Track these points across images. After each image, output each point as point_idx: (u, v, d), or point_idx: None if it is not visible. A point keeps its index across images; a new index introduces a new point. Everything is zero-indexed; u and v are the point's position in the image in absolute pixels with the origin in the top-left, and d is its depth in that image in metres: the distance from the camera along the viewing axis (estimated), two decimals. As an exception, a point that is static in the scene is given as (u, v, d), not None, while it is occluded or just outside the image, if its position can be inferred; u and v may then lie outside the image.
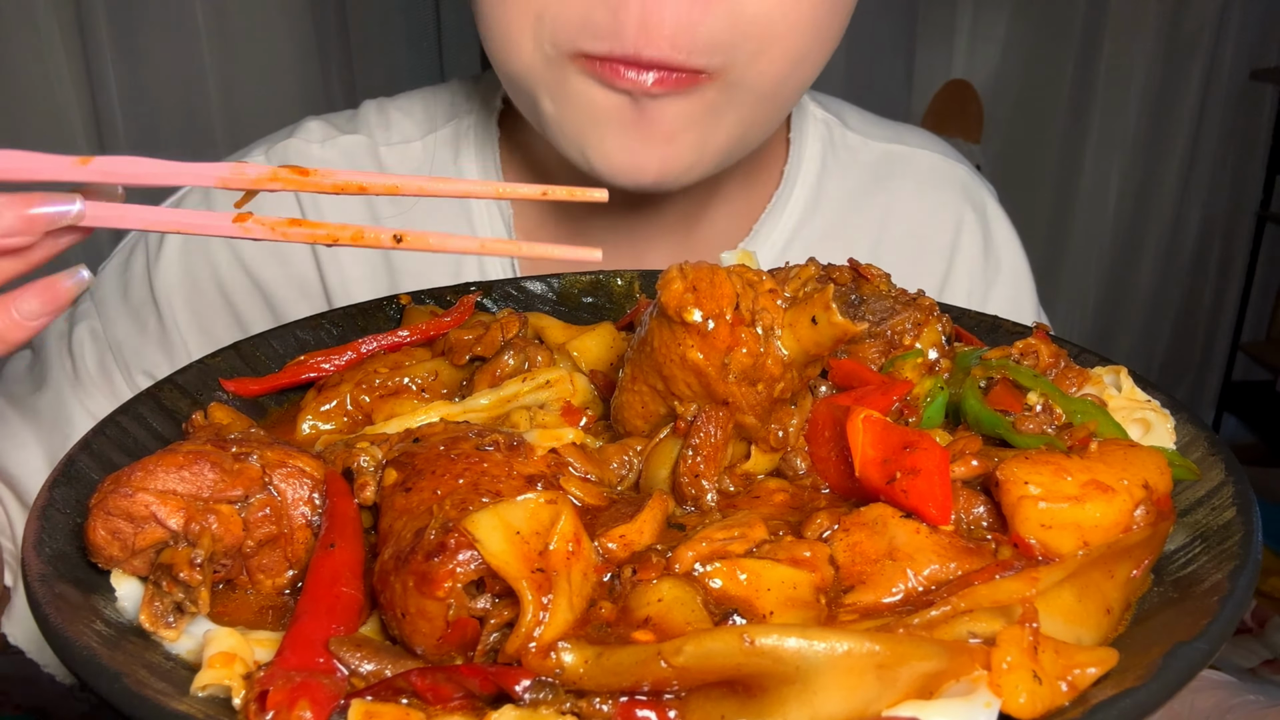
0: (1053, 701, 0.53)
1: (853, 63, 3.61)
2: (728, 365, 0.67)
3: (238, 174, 0.71)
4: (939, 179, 1.38)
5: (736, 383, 0.68)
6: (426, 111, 1.34)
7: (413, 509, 0.63)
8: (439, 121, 1.33)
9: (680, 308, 0.67)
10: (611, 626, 0.57)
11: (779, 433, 0.71)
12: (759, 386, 0.69)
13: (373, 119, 1.33)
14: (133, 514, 0.64)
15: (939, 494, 0.63)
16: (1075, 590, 0.59)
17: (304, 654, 0.57)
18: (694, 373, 0.68)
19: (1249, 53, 4.17)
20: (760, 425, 0.70)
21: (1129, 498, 0.63)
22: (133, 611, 0.63)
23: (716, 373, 0.68)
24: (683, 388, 0.70)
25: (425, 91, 1.38)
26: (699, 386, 0.69)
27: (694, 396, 0.70)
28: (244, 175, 0.71)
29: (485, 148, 1.31)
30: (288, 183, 0.71)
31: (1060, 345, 0.83)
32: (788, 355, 0.69)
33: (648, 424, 0.74)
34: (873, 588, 0.60)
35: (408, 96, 1.37)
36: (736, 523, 0.63)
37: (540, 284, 1.09)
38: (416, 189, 0.73)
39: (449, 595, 0.56)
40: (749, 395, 0.68)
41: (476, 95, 1.34)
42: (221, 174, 0.71)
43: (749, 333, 0.68)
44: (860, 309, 0.84)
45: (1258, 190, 4.38)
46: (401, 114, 1.34)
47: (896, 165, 1.38)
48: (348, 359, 0.92)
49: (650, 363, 0.71)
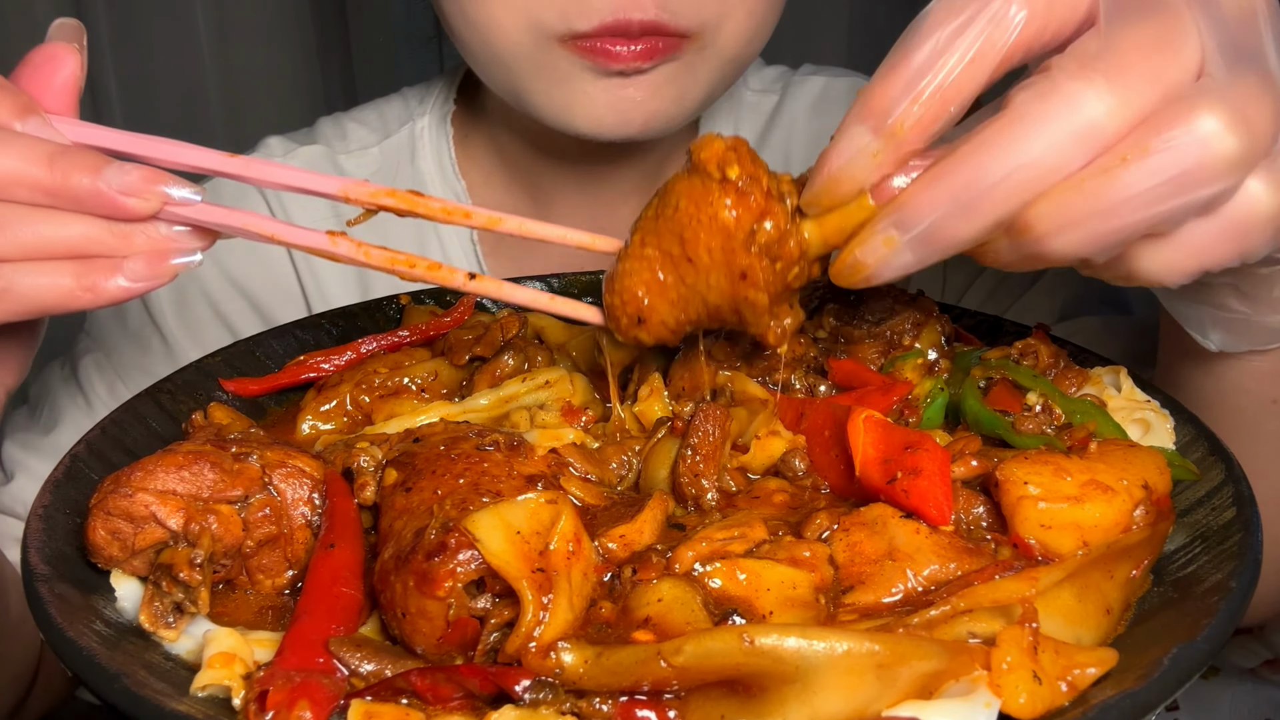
0: (1053, 701, 0.53)
1: (854, 51, 3.60)
2: (754, 234, 0.66)
3: (359, 187, 0.74)
4: (830, 92, 1.43)
5: (759, 255, 0.66)
6: (381, 119, 1.41)
7: (413, 509, 0.63)
8: (393, 127, 1.40)
9: (724, 163, 0.66)
10: (611, 626, 0.57)
11: (778, 329, 0.71)
12: (778, 265, 0.67)
13: (329, 132, 1.40)
14: (132, 514, 0.64)
15: (940, 494, 0.63)
16: (1075, 590, 0.59)
17: (304, 654, 0.57)
18: (721, 235, 0.67)
19: (1249, 53, 4.16)
20: (768, 307, 0.69)
21: (1128, 498, 0.63)
22: (132, 611, 0.63)
23: (744, 239, 0.66)
24: (702, 252, 0.68)
25: (379, 102, 1.45)
26: (720, 253, 0.67)
27: (710, 265, 0.68)
28: (363, 189, 0.74)
29: (440, 146, 1.37)
30: (401, 200, 0.74)
31: (1060, 345, 0.83)
32: (809, 238, 0.67)
33: (649, 294, 0.71)
34: (872, 588, 0.60)
35: (361, 108, 1.45)
36: (736, 523, 0.63)
37: (540, 284, 1.09)
38: (516, 226, 0.75)
39: (449, 595, 0.56)
40: (767, 271, 0.67)
41: (429, 98, 1.41)
42: (346, 186, 0.74)
43: (780, 207, 0.66)
44: (860, 309, 0.85)
45: (1258, 190, 4.38)
46: (357, 124, 1.41)
47: (789, 94, 1.43)
48: (347, 359, 0.92)
49: (670, 225, 0.69)
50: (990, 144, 0.56)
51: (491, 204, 1.33)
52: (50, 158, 0.67)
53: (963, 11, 0.56)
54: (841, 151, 0.61)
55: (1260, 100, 0.56)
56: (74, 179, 0.67)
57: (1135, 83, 0.55)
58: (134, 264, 0.70)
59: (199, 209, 0.71)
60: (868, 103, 0.60)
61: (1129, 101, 0.55)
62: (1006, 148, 0.56)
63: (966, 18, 0.56)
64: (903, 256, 0.62)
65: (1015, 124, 0.56)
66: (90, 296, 0.69)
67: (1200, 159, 0.54)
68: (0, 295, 0.68)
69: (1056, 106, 0.55)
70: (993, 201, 0.57)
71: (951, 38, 0.56)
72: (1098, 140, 0.55)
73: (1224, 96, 0.55)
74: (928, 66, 0.57)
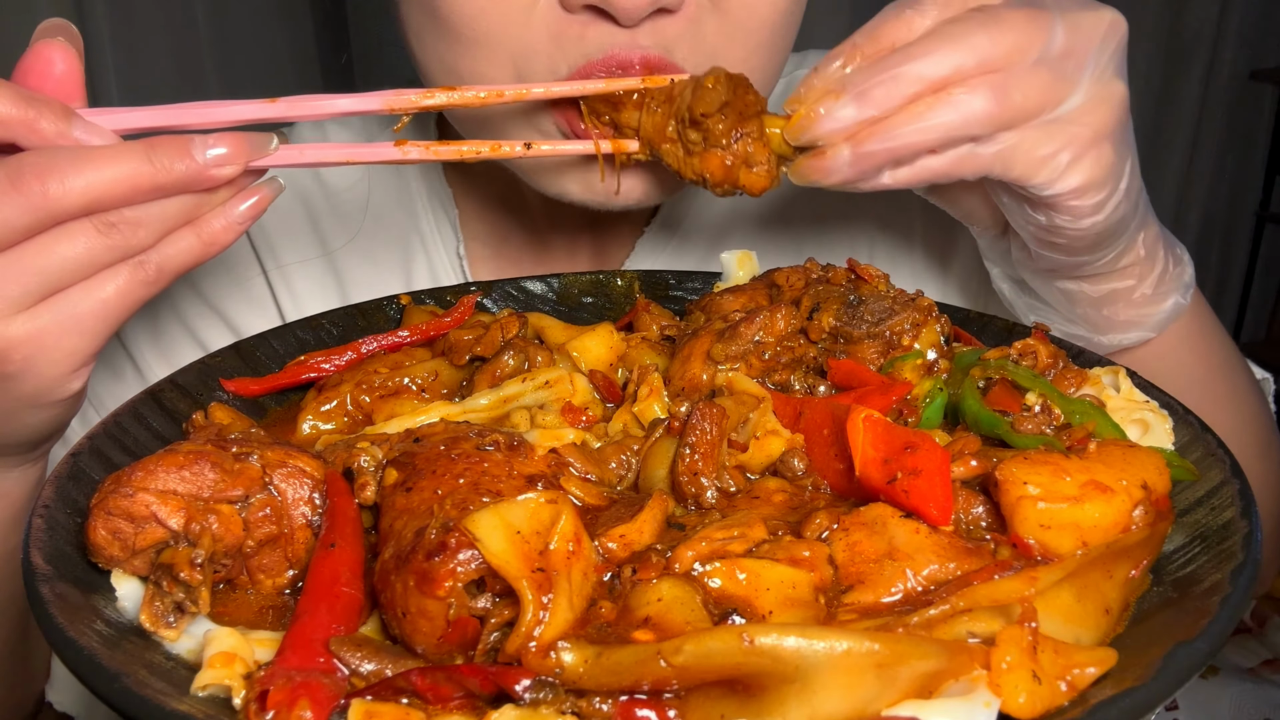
0: (1052, 701, 0.53)
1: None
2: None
3: (400, 96, 0.87)
4: None
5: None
6: (363, 120, 1.38)
7: (413, 509, 0.63)
8: (374, 130, 1.36)
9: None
10: (611, 626, 0.57)
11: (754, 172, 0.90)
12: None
13: (308, 135, 1.36)
14: (133, 514, 0.64)
15: (940, 494, 0.63)
16: (1074, 590, 0.59)
17: (304, 654, 0.57)
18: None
19: (1249, 53, 4.17)
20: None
21: (1128, 498, 0.63)
22: (133, 611, 0.63)
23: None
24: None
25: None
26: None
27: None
28: (405, 99, 0.87)
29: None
30: (441, 100, 0.87)
31: (1059, 345, 0.83)
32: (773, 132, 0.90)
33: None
34: (872, 587, 0.60)
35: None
36: (736, 523, 0.63)
37: (540, 284, 1.09)
38: (544, 91, 0.92)
39: (449, 595, 0.56)
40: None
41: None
42: (387, 99, 0.87)
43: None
44: (859, 309, 0.85)
45: (1258, 190, 4.38)
46: (338, 126, 1.38)
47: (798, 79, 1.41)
48: (348, 359, 0.92)
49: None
50: (914, 44, 0.85)
51: (488, 223, 1.31)
52: (146, 155, 0.76)
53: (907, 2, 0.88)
54: (820, 71, 0.87)
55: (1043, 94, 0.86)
56: (176, 167, 0.76)
57: (1006, 31, 0.84)
58: (232, 207, 0.81)
59: (277, 154, 0.82)
60: (843, 47, 0.87)
61: (1001, 40, 0.84)
62: (924, 46, 0.84)
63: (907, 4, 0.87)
64: (845, 110, 0.84)
65: (931, 35, 0.85)
66: (214, 246, 0.82)
67: (967, 112, 0.84)
68: (158, 271, 0.80)
69: (957, 29, 0.84)
70: (912, 77, 0.83)
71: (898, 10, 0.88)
72: (978, 56, 0.83)
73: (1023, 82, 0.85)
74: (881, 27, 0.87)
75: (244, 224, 0.82)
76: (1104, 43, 0.88)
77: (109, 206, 0.76)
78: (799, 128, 0.86)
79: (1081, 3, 0.89)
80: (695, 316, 0.92)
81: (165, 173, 0.76)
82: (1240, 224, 4.46)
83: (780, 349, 0.83)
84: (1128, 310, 1.02)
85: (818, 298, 0.87)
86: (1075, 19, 0.86)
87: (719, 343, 0.83)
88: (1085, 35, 0.86)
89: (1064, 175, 0.87)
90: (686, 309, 0.96)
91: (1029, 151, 0.86)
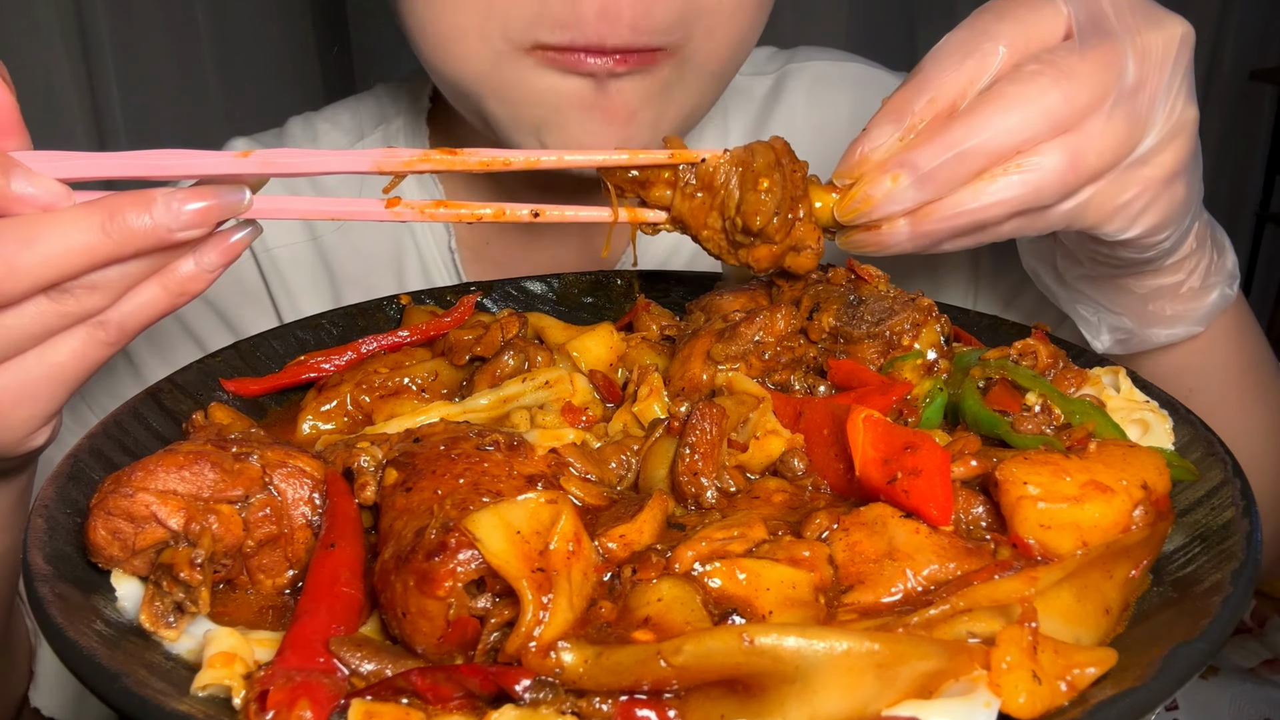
0: (1052, 701, 0.53)
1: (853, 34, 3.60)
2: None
3: (390, 158, 0.78)
4: (829, 79, 1.39)
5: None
6: (354, 119, 1.35)
7: (413, 509, 0.63)
8: (367, 128, 1.34)
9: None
10: (611, 626, 0.57)
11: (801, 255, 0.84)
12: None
13: (298, 133, 1.34)
14: (133, 514, 0.64)
15: (940, 494, 0.63)
16: (1074, 590, 0.60)
17: (304, 654, 0.57)
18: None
19: (1249, 53, 4.16)
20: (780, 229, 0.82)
21: (1127, 498, 0.63)
22: (133, 611, 0.64)
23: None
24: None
25: (351, 100, 1.39)
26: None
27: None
28: (396, 159, 0.78)
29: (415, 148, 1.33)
30: (438, 163, 0.78)
31: (1059, 345, 0.83)
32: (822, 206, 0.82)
33: None
34: (872, 587, 0.60)
35: (334, 108, 1.38)
36: (736, 523, 0.63)
37: (540, 284, 1.09)
38: (555, 160, 0.81)
39: (449, 594, 0.56)
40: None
41: (404, 97, 1.35)
42: (376, 159, 0.78)
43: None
44: (859, 310, 0.85)
45: (1257, 190, 4.37)
46: (329, 125, 1.35)
47: (787, 83, 1.39)
48: (348, 359, 0.92)
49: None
50: (978, 111, 0.77)
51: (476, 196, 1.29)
52: (102, 224, 0.69)
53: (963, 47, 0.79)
54: (872, 138, 0.79)
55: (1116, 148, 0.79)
56: (136, 232, 0.70)
57: (1079, 86, 0.77)
58: (205, 255, 0.75)
59: (255, 207, 0.75)
60: (893, 107, 0.80)
61: (1075, 96, 0.77)
62: (991, 115, 0.76)
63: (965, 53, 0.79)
64: (906, 194, 0.77)
65: (997, 99, 0.77)
66: (183, 298, 0.76)
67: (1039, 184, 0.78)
68: (119, 330, 0.74)
69: (1027, 90, 0.76)
70: (980, 153, 0.76)
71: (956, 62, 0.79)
72: (1050, 119, 0.76)
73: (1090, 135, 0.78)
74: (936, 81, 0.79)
75: (216, 272, 0.76)
76: (1175, 65, 0.81)
77: (63, 280, 0.70)
78: (854, 210, 0.79)
79: (1148, 15, 0.81)
80: (695, 316, 0.92)
81: (125, 245, 0.70)
82: (1240, 224, 4.45)
83: (780, 349, 0.83)
84: (1174, 305, 0.98)
85: (818, 298, 0.87)
86: (1145, 44, 0.79)
87: (719, 343, 0.83)
88: (1156, 62, 0.80)
89: (1137, 221, 0.83)
90: (686, 309, 0.96)
91: (1100, 205, 0.81)
